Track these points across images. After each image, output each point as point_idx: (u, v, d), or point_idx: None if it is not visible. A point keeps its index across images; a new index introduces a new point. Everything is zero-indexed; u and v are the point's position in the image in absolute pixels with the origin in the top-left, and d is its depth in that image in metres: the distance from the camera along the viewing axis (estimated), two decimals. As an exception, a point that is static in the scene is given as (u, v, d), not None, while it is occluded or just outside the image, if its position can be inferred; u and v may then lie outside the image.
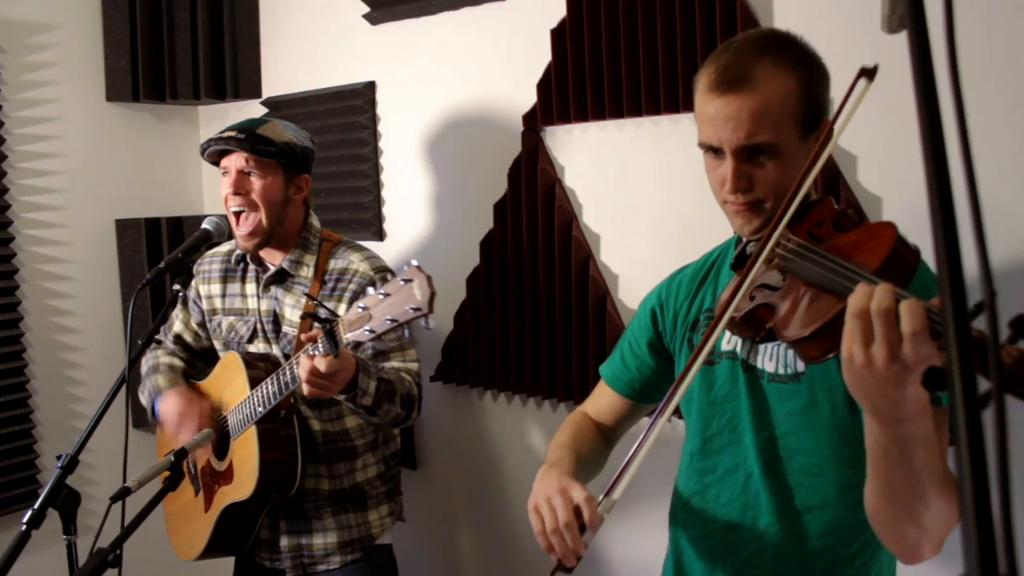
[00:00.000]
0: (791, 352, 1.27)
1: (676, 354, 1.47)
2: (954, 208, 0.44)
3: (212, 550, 2.03)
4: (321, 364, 1.62)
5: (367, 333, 1.53)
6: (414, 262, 1.49)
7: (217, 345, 2.15)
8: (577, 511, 1.18)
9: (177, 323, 2.22)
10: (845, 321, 0.91)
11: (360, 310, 1.54)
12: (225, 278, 2.12)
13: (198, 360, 2.24)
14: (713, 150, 1.25)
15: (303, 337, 1.67)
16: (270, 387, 1.79)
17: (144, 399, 2.13)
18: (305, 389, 1.66)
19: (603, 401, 1.59)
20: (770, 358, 1.30)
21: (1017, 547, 0.45)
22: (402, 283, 1.48)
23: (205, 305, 2.14)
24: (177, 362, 2.19)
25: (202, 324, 2.18)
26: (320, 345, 1.62)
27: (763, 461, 1.29)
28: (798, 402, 1.26)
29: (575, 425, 1.53)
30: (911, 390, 0.90)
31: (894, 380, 0.89)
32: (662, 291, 1.51)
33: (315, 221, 2.07)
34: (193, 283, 2.18)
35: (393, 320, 1.49)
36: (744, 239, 1.30)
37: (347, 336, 1.57)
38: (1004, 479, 0.43)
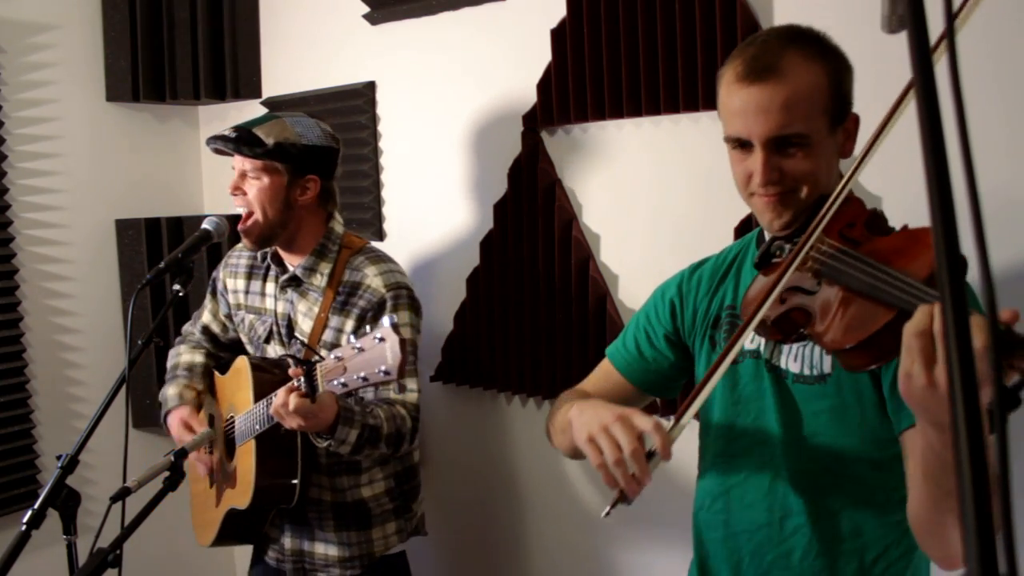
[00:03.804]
0: (816, 353, 1.24)
1: (696, 350, 1.43)
2: (954, 208, 0.44)
3: (223, 540, 2.06)
4: (292, 402, 1.58)
5: (340, 386, 1.47)
6: (387, 321, 1.39)
7: (243, 339, 2.14)
8: (640, 440, 1.10)
9: (206, 313, 2.21)
10: (904, 339, 0.88)
11: (335, 360, 1.48)
12: (250, 274, 2.11)
13: (224, 351, 2.22)
14: (741, 144, 1.21)
15: (290, 372, 1.63)
16: (266, 409, 1.74)
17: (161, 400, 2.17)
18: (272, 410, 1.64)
19: (608, 385, 1.51)
20: (795, 359, 1.26)
21: (1017, 547, 0.45)
22: (376, 341, 1.40)
23: (231, 299, 2.14)
24: (198, 358, 2.17)
25: (229, 316, 2.17)
26: (300, 385, 1.59)
27: (791, 462, 1.27)
28: (826, 403, 1.24)
29: (583, 394, 1.46)
30: None
31: None
32: (682, 284, 1.45)
33: (337, 226, 2.01)
34: (221, 275, 2.17)
35: (364, 379, 1.43)
36: (769, 235, 1.26)
37: (323, 385, 1.52)
38: (1004, 479, 0.43)
